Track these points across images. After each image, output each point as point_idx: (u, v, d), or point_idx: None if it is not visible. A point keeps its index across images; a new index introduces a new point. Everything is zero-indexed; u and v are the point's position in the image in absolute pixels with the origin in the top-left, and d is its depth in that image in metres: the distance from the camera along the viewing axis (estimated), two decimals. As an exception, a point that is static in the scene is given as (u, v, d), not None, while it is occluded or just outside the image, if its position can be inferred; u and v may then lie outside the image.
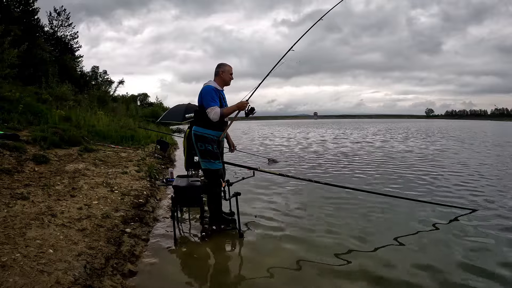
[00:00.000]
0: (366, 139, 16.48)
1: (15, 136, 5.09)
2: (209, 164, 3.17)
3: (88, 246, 2.48)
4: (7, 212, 2.80)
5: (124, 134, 8.91)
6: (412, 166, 7.52)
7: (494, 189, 5.15)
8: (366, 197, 4.49)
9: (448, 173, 6.56)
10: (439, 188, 5.24)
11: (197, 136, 3.15)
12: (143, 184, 4.61)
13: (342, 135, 20.72)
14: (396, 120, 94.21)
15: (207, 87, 3.15)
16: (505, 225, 3.46)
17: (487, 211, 3.97)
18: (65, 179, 4.05)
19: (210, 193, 3.24)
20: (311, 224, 3.58)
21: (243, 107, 3.14)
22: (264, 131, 26.64)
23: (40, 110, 7.99)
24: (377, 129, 29.89)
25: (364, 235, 3.23)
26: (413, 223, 3.58)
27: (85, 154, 5.73)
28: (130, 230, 3.10)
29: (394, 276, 2.45)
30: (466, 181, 5.73)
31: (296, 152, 10.79)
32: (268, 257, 2.79)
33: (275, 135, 21.75)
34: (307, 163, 8.24)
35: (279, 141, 15.68)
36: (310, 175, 6.27)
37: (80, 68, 24.52)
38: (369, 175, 6.43)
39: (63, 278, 1.99)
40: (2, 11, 15.08)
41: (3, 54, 9.81)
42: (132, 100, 34.61)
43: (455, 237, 3.17)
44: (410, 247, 2.96)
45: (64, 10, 23.11)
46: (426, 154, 9.82)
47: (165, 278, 2.46)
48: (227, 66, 3.28)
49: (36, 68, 15.18)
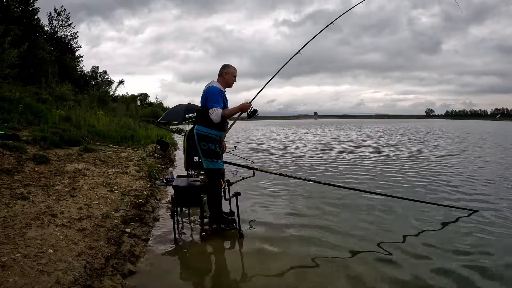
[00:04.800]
0: (367, 140, 16.48)
1: (15, 136, 5.09)
2: (211, 163, 3.17)
3: (88, 246, 2.47)
4: (7, 212, 2.80)
5: (124, 134, 8.91)
6: (412, 166, 7.53)
7: (495, 190, 5.15)
8: (367, 197, 4.49)
9: (449, 174, 6.56)
10: (440, 188, 5.24)
11: (200, 136, 3.15)
12: (143, 184, 4.61)
13: (342, 135, 20.72)
14: (396, 120, 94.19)
15: (213, 88, 3.14)
16: (506, 226, 3.46)
17: (488, 212, 3.96)
18: (65, 179, 4.05)
19: (210, 193, 3.24)
20: (311, 224, 3.57)
21: (245, 109, 3.15)
22: (259, 132, 26.61)
23: (40, 110, 7.98)
24: (379, 129, 29.91)
25: (364, 236, 3.23)
26: (413, 223, 3.58)
27: (85, 154, 5.73)
28: (130, 230, 3.09)
29: (394, 276, 2.45)
30: (466, 182, 5.72)
31: (293, 153, 10.79)
32: (268, 257, 2.78)
33: (271, 137, 21.72)
34: (306, 163, 8.24)
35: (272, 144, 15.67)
36: (309, 175, 6.27)
37: (80, 68, 24.56)
38: (370, 175, 6.43)
39: (63, 278, 1.99)
40: (2, 11, 15.08)
41: (3, 54, 9.81)
42: (132, 100, 34.63)
43: (456, 237, 3.16)
44: (410, 248, 2.96)
45: (64, 10, 23.17)
46: (426, 155, 9.82)
47: (165, 278, 2.46)
48: (232, 68, 3.27)
49: (36, 68, 15.19)
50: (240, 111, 3.16)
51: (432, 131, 25.78)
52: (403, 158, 8.90)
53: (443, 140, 16.04)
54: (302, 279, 2.42)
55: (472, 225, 3.49)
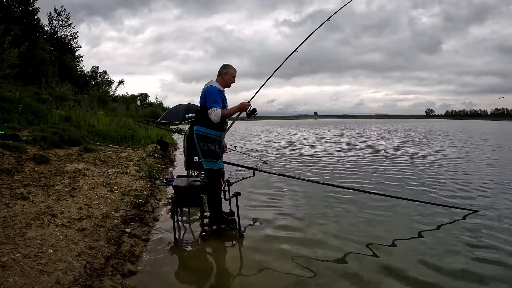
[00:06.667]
0: (367, 140, 16.48)
1: (15, 136, 5.09)
2: (211, 163, 3.17)
3: (88, 246, 2.47)
4: (7, 212, 2.80)
5: (124, 134, 8.91)
6: (413, 166, 7.52)
7: (495, 190, 5.14)
8: (367, 197, 4.49)
9: (449, 174, 6.56)
10: (441, 188, 5.23)
11: (200, 136, 3.15)
12: (143, 184, 4.61)
13: (342, 135, 20.72)
14: (396, 120, 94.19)
15: (212, 88, 3.14)
16: (507, 226, 3.46)
17: (488, 212, 3.96)
18: (65, 179, 4.05)
19: (210, 193, 3.24)
20: (311, 225, 3.57)
21: (244, 108, 3.14)
22: (256, 132, 26.60)
23: (40, 110, 7.98)
24: (380, 129, 29.91)
25: (365, 236, 3.23)
26: (414, 223, 3.58)
27: (85, 154, 5.73)
28: (130, 230, 3.10)
29: (394, 276, 2.45)
30: (467, 182, 5.72)
31: (293, 153, 10.79)
32: (268, 257, 2.78)
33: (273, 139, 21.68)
34: (306, 163, 8.24)
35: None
36: (309, 176, 6.27)
37: (80, 68, 24.56)
38: (370, 175, 6.43)
39: (63, 278, 1.99)
40: (2, 11, 15.09)
41: (3, 54, 9.81)
42: (132, 100, 34.64)
43: (456, 238, 3.16)
44: (410, 248, 2.96)
45: (64, 10, 23.17)
46: (427, 155, 9.82)
47: (165, 278, 2.46)
48: (232, 69, 3.27)
49: (36, 68, 15.19)
50: (239, 110, 3.16)
51: (432, 131, 25.76)
52: (403, 158, 8.89)
53: (443, 140, 16.03)
54: (302, 279, 2.42)
55: (472, 225, 3.48)
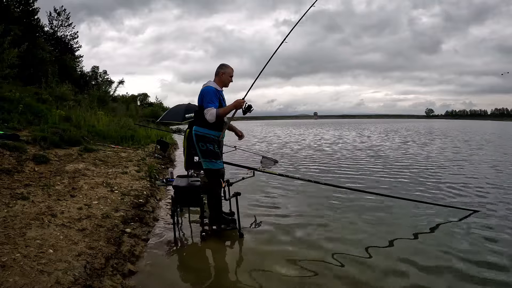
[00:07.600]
0: (366, 140, 16.48)
1: (15, 136, 5.09)
2: (210, 164, 3.18)
3: (88, 246, 2.47)
4: (7, 212, 2.80)
5: (124, 134, 8.91)
6: (413, 166, 7.53)
7: (496, 190, 5.14)
8: (367, 197, 4.49)
9: (450, 174, 6.56)
10: (441, 188, 5.23)
11: (198, 136, 3.15)
12: (143, 184, 4.61)
13: (341, 136, 20.72)
14: (396, 120, 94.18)
15: (208, 88, 3.15)
16: (507, 226, 3.46)
17: (490, 211, 3.96)
18: (65, 179, 4.05)
19: (210, 193, 3.24)
20: (311, 225, 3.57)
21: (239, 105, 3.12)
22: (254, 133, 26.60)
23: (40, 110, 7.98)
24: (380, 129, 29.91)
25: (365, 236, 3.23)
26: (414, 224, 3.58)
27: (85, 154, 5.73)
28: (130, 230, 3.10)
29: (394, 276, 2.45)
30: (468, 182, 5.72)
31: (297, 153, 10.79)
32: (268, 257, 2.78)
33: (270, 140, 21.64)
34: (306, 163, 8.24)
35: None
36: (309, 175, 6.27)
37: (80, 68, 24.55)
38: (371, 175, 6.43)
39: (63, 278, 1.99)
40: (2, 11, 15.08)
41: (3, 54, 9.81)
42: (132, 100, 34.63)
43: (457, 238, 3.17)
44: (411, 248, 2.96)
45: (64, 10, 23.16)
46: (427, 155, 9.82)
47: (165, 278, 2.46)
48: (229, 69, 3.27)
49: (36, 68, 15.19)
50: (235, 108, 3.14)
51: (432, 131, 25.75)
52: (403, 158, 8.90)
53: (443, 140, 16.03)
54: (302, 279, 2.42)
55: (472, 225, 3.48)
